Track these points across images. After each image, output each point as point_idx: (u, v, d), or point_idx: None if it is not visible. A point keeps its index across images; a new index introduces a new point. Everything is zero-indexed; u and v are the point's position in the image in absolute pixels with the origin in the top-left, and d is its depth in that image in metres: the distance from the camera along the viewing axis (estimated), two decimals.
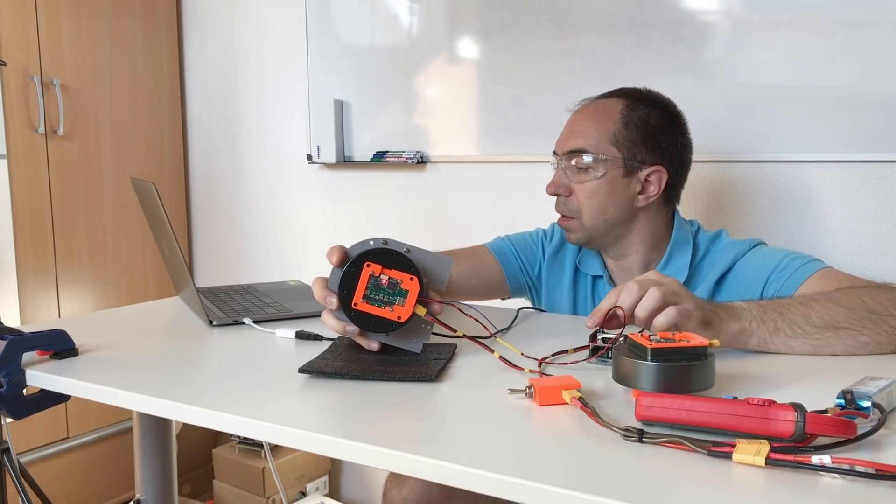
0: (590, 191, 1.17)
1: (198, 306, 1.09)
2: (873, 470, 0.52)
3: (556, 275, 1.31)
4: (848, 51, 1.46)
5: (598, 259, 1.26)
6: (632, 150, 1.16)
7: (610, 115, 1.18)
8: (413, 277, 0.84)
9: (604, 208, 1.17)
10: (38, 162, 2.07)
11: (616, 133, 1.16)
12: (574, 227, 1.20)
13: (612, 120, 1.17)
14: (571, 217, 1.19)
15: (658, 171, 1.17)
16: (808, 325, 0.89)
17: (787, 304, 0.92)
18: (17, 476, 1.41)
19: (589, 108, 1.22)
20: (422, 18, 2.01)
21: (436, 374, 0.79)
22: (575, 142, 1.18)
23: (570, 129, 1.21)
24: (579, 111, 1.24)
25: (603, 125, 1.17)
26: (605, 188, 1.16)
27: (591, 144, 1.17)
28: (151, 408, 0.75)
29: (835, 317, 0.89)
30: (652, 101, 1.19)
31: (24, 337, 0.86)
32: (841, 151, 1.49)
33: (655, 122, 1.17)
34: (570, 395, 0.69)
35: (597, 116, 1.19)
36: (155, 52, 2.41)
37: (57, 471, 2.09)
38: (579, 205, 1.18)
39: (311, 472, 2.24)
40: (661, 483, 0.53)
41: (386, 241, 0.86)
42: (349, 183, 2.22)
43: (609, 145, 1.16)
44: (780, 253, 1.13)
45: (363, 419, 0.69)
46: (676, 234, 1.20)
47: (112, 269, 2.31)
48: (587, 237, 1.20)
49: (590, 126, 1.18)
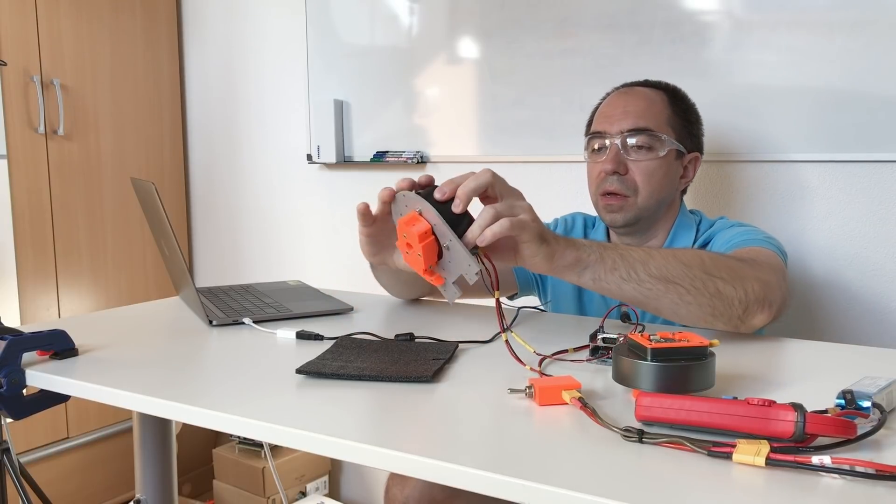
0: (650, 170, 1.18)
1: (198, 306, 1.09)
2: (873, 470, 0.52)
3: None
4: (848, 51, 1.46)
5: None
6: (682, 134, 1.22)
7: (660, 100, 1.22)
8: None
9: (660, 188, 1.20)
10: (38, 162, 2.07)
11: (669, 117, 1.21)
12: (628, 205, 1.19)
13: (665, 104, 1.22)
14: (626, 195, 1.19)
15: (696, 157, 1.25)
16: (644, 272, 0.85)
17: (633, 249, 0.88)
18: (17, 476, 1.41)
19: (638, 91, 1.24)
20: (422, 18, 2.00)
21: (432, 375, 0.79)
22: (636, 120, 1.19)
23: (625, 109, 1.21)
24: (627, 93, 1.24)
25: (657, 108, 1.21)
26: (665, 168, 1.19)
27: (653, 124, 1.19)
28: (151, 408, 0.75)
29: (671, 270, 0.86)
30: (684, 95, 1.27)
31: (24, 337, 0.86)
32: (841, 151, 1.49)
33: (691, 113, 1.26)
34: (570, 396, 0.69)
35: (650, 99, 1.22)
36: (155, 52, 2.41)
37: (57, 471, 2.09)
38: (637, 183, 1.19)
39: (311, 472, 2.24)
40: (661, 483, 0.53)
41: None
42: (349, 183, 2.22)
43: (667, 127, 1.20)
44: (739, 227, 1.17)
45: (363, 419, 0.69)
46: (681, 217, 1.25)
47: (112, 269, 2.31)
48: (636, 217, 1.20)
49: (647, 107, 1.20)
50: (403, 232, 0.83)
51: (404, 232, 0.83)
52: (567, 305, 1.30)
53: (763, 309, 0.90)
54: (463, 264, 0.82)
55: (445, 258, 0.83)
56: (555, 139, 1.82)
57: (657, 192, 1.19)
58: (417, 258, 0.82)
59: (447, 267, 0.83)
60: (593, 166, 1.24)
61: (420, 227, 0.81)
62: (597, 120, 1.26)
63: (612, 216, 1.21)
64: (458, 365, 0.85)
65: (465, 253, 0.81)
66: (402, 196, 0.85)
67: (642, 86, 1.26)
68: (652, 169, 1.18)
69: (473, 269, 0.81)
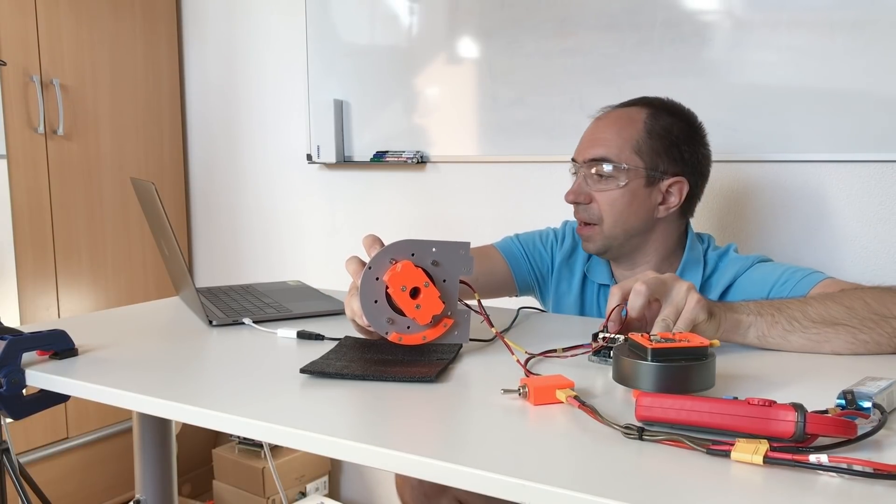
0: (611, 199, 1.16)
1: (197, 306, 1.09)
2: (871, 469, 0.52)
3: (565, 281, 1.30)
4: (848, 51, 1.46)
5: (606, 267, 1.25)
6: (654, 159, 1.15)
7: (633, 123, 1.16)
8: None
9: (625, 217, 1.16)
10: (37, 162, 2.07)
11: (639, 141, 1.15)
12: (595, 234, 1.18)
13: (636, 128, 1.16)
14: (593, 224, 1.18)
15: (679, 182, 1.17)
16: (806, 319, 0.88)
17: (785, 301, 0.92)
18: (17, 476, 1.41)
19: (611, 115, 1.20)
20: (422, 18, 2.00)
21: (436, 375, 0.79)
22: (597, 150, 1.16)
23: (592, 136, 1.19)
24: (601, 118, 1.21)
25: (626, 133, 1.15)
26: (627, 197, 1.15)
27: (613, 153, 1.15)
28: (151, 408, 0.75)
29: (833, 314, 0.89)
30: (674, 111, 1.19)
31: (24, 337, 0.86)
32: (842, 151, 1.49)
33: (678, 132, 1.17)
34: (566, 395, 0.69)
35: (620, 124, 1.17)
36: (155, 51, 2.41)
37: (57, 471, 2.09)
38: (601, 212, 1.16)
39: (311, 473, 2.24)
40: (659, 481, 0.53)
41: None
42: (349, 183, 2.22)
43: (632, 154, 1.15)
44: (781, 267, 1.13)
45: (363, 419, 0.69)
46: (689, 253, 1.20)
47: (112, 269, 2.31)
48: (605, 246, 1.18)
49: (612, 134, 1.16)
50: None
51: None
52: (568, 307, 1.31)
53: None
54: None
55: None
56: (555, 139, 1.82)
57: (622, 222, 1.16)
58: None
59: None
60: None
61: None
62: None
63: (585, 245, 1.21)
64: (461, 365, 0.85)
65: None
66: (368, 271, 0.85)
67: (626, 106, 1.21)
68: (613, 198, 1.15)
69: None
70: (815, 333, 0.88)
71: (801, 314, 0.89)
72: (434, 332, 0.86)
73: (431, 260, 0.84)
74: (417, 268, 0.83)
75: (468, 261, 0.85)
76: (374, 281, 0.84)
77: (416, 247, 0.84)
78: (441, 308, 0.84)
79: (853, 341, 0.88)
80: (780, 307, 0.90)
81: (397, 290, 0.83)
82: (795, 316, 0.89)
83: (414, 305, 0.83)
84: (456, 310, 0.87)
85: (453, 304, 0.86)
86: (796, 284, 1.07)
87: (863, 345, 0.88)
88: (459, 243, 0.85)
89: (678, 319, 0.83)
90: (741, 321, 0.88)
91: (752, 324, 0.89)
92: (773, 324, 0.88)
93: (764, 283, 1.11)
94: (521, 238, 1.34)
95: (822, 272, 1.09)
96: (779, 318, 0.89)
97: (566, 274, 1.30)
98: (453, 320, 0.87)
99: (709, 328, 0.85)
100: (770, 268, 1.15)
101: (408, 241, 0.84)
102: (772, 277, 1.11)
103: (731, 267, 1.17)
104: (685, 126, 1.18)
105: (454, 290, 0.86)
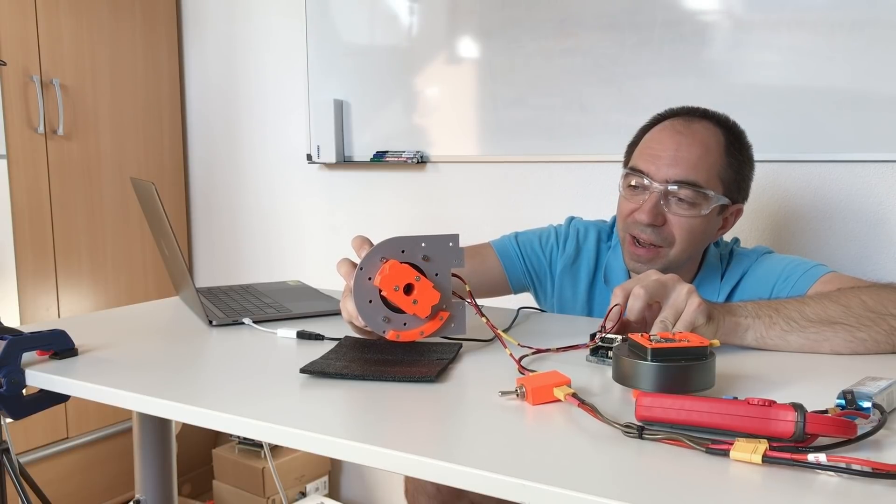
0: (690, 226, 1.09)
1: (197, 306, 1.09)
2: (870, 468, 0.52)
3: (569, 288, 1.27)
4: (848, 51, 1.46)
5: (623, 271, 1.22)
6: (732, 189, 1.12)
7: (717, 146, 1.10)
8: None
9: (696, 244, 1.12)
10: (37, 162, 2.07)
11: (721, 168, 1.10)
12: (659, 257, 1.11)
13: (719, 153, 1.10)
14: (660, 246, 1.11)
15: (739, 209, 1.16)
16: (804, 319, 0.89)
17: (783, 301, 0.92)
18: (17, 476, 1.41)
19: (695, 131, 1.11)
20: (422, 18, 2.01)
21: (436, 375, 0.79)
22: (687, 173, 1.08)
23: (676, 153, 1.09)
24: (682, 133, 1.10)
25: (712, 158, 1.09)
26: (704, 225, 1.10)
27: (703, 178, 1.08)
28: (151, 408, 0.75)
29: (830, 313, 0.89)
30: (743, 136, 1.15)
31: (24, 337, 0.86)
32: (842, 151, 1.49)
33: (746, 159, 1.14)
34: (564, 393, 0.69)
35: (705, 146, 1.09)
36: (154, 52, 2.41)
37: (57, 471, 2.09)
38: (675, 236, 1.10)
39: (311, 473, 2.24)
40: (658, 480, 0.53)
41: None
42: (349, 183, 2.22)
43: (717, 181, 1.10)
44: (784, 260, 1.13)
45: (363, 419, 0.69)
46: (710, 257, 1.19)
47: (112, 269, 2.31)
48: (665, 268, 1.09)
49: (700, 156, 1.09)
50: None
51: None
52: (573, 313, 1.29)
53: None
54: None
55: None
56: (555, 139, 1.82)
57: (692, 247, 1.12)
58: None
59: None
60: (626, 204, 1.14)
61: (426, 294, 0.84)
62: (642, 154, 1.13)
63: (639, 266, 1.12)
64: (461, 365, 0.85)
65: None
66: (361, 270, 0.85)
67: (702, 119, 1.13)
68: (692, 226, 1.09)
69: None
70: (814, 333, 0.88)
71: (798, 314, 0.89)
72: (431, 325, 0.86)
73: (422, 255, 0.85)
74: (404, 264, 0.83)
75: (458, 253, 0.86)
76: (367, 281, 0.84)
77: (405, 243, 0.84)
78: (438, 297, 0.84)
79: (851, 340, 0.88)
80: (777, 308, 0.90)
81: (391, 292, 0.83)
82: (793, 316, 0.89)
83: (411, 301, 0.83)
84: (451, 302, 0.87)
85: (448, 296, 0.86)
86: (799, 278, 1.07)
87: (861, 343, 0.88)
88: (448, 236, 0.85)
89: (677, 322, 0.83)
90: (739, 324, 0.89)
91: (750, 326, 0.89)
92: (770, 325, 0.89)
93: (768, 277, 1.12)
94: (520, 238, 1.32)
95: (824, 265, 1.09)
96: (777, 318, 0.89)
97: (569, 281, 1.27)
98: (449, 313, 0.87)
99: (707, 331, 0.85)
100: (773, 261, 1.15)
101: (396, 238, 0.84)
102: (775, 271, 1.11)
103: (738, 265, 1.17)
104: (750, 155, 1.16)
105: (447, 283, 0.86)
